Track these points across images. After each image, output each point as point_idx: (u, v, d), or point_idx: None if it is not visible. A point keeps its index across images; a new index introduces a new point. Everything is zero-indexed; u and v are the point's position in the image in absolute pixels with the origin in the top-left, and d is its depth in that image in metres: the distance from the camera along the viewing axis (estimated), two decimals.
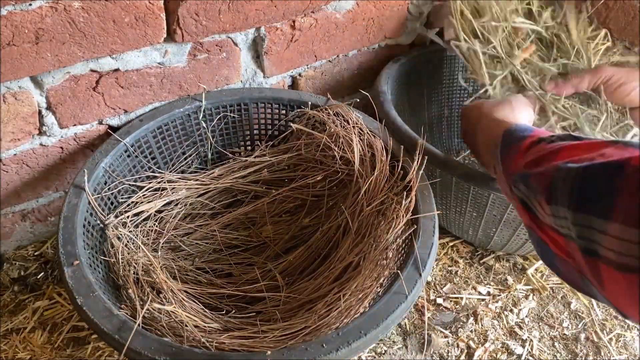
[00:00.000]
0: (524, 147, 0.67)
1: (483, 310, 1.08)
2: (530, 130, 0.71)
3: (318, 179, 1.05)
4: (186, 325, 0.78)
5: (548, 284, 1.13)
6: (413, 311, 1.07)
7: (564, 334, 1.06)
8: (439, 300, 1.10)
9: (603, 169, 0.49)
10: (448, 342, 1.03)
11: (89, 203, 0.88)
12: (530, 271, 1.15)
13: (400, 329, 1.04)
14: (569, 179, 0.52)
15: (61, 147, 1.01)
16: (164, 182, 1.03)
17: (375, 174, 0.94)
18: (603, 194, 0.47)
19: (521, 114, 0.86)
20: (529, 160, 0.64)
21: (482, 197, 0.98)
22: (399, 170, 0.94)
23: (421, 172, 0.93)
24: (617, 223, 0.45)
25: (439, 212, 0.89)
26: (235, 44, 1.06)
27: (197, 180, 1.07)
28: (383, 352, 1.01)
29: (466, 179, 0.95)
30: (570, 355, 1.03)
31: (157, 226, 1.01)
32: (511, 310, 1.09)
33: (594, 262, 0.48)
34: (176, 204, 1.04)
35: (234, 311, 0.92)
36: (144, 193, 1.00)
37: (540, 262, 1.17)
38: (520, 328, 1.06)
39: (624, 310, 0.49)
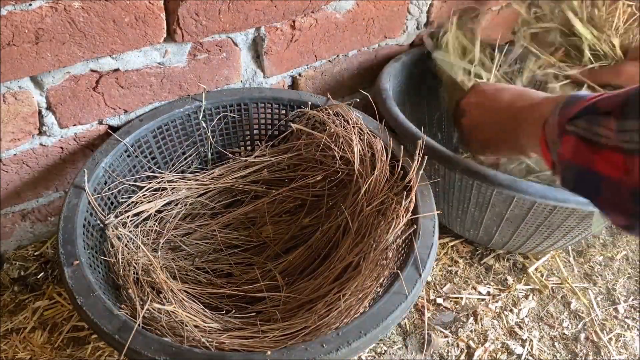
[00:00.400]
0: (592, 97, 0.68)
1: (483, 310, 1.08)
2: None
3: (318, 179, 1.05)
4: (186, 325, 0.78)
5: (548, 284, 1.13)
6: (413, 311, 1.07)
7: (564, 334, 1.06)
8: (439, 300, 1.10)
9: None
10: (448, 342, 1.03)
11: (89, 203, 0.88)
12: (530, 271, 1.15)
13: (400, 329, 1.04)
14: None
15: (61, 147, 1.01)
16: (164, 182, 1.03)
17: (375, 174, 0.94)
18: None
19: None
20: (596, 98, 0.66)
21: (485, 194, 0.98)
22: (399, 170, 0.94)
23: (421, 172, 0.93)
24: None
25: (439, 212, 0.89)
26: (235, 44, 1.06)
27: (197, 180, 1.07)
28: (383, 352, 1.01)
29: (470, 174, 0.95)
30: (570, 355, 1.03)
31: (157, 226, 1.01)
32: (511, 310, 1.09)
33: None
34: (176, 204, 1.04)
35: (234, 311, 0.92)
36: (144, 193, 1.00)
37: (540, 262, 1.17)
38: (520, 328, 1.06)
39: None
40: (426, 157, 0.93)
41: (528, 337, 1.05)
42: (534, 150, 0.82)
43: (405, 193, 0.90)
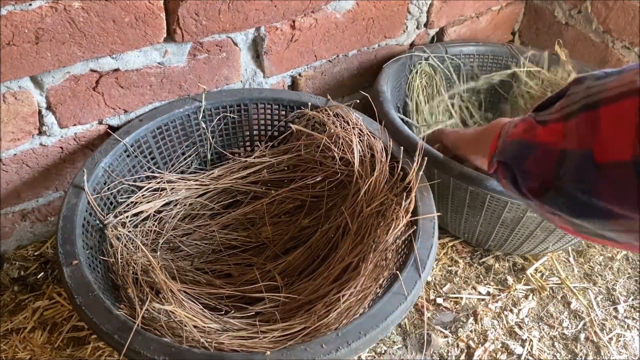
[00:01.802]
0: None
1: (483, 310, 1.08)
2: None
3: (318, 179, 1.05)
4: (185, 326, 0.78)
5: (548, 284, 1.13)
6: (413, 311, 1.07)
7: (564, 334, 1.06)
8: (439, 300, 1.10)
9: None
10: (448, 342, 1.03)
11: (89, 203, 0.88)
12: (529, 271, 1.15)
13: (400, 329, 1.04)
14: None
15: (61, 147, 1.01)
16: (164, 182, 1.03)
17: (375, 174, 0.94)
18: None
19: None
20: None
21: (477, 198, 0.98)
22: (398, 171, 0.94)
23: (421, 173, 0.93)
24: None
25: (439, 214, 0.89)
26: (235, 44, 1.06)
27: (196, 180, 1.07)
28: (383, 352, 1.01)
29: (463, 179, 0.95)
30: (570, 355, 1.03)
31: (156, 226, 1.01)
32: (511, 310, 1.09)
33: (594, 113, 0.56)
34: (175, 204, 1.04)
35: (233, 312, 0.92)
36: (144, 193, 1.00)
37: (540, 262, 1.17)
38: (520, 328, 1.06)
39: (605, 154, 0.55)
40: (425, 158, 0.93)
41: (528, 337, 1.05)
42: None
43: (405, 194, 0.90)
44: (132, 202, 0.98)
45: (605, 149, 0.54)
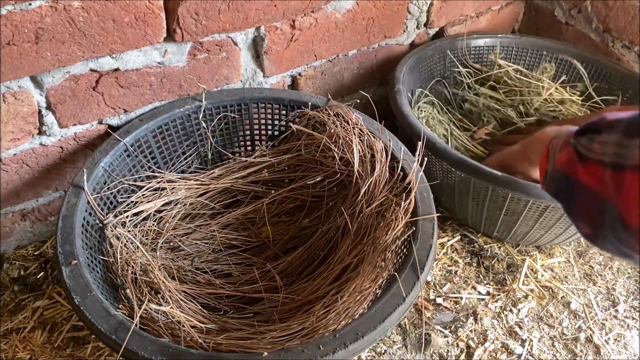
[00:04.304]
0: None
1: (483, 310, 1.08)
2: None
3: (318, 179, 1.05)
4: (183, 326, 0.78)
5: (548, 284, 1.13)
6: (413, 311, 1.07)
7: (564, 334, 1.06)
8: (439, 300, 1.10)
9: None
10: (448, 342, 1.03)
11: (88, 203, 0.88)
12: (529, 271, 1.15)
13: (400, 329, 1.04)
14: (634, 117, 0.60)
15: (61, 147, 1.01)
16: (164, 182, 1.03)
17: (375, 175, 0.94)
18: None
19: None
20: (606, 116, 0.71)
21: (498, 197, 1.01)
22: (398, 171, 0.94)
23: (420, 173, 0.93)
24: None
25: (438, 214, 0.89)
26: (235, 44, 1.06)
27: (196, 180, 1.07)
28: (383, 351, 1.01)
29: (480, 177, 0.99)
30: (570, 355, 1.03)
31: (156, 226, 1.01)
32: (511, 310, 1.09)
33: (621, 174, 0.56)
34: (176, 204, 1.04)
35: (232, 312, 0.92)
36: (144, 193, 1.00)
37: (540, 261, 1.17)
38: (520, 328, 1.06)
39: (629, 218, 0.56)
40: (426, 159, 0.93)
41: (528, 337, 1.05)
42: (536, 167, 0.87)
43: (404, 194, 0.90)
44: (132, 201, 0.98)
45: (629, 212, 0.56)
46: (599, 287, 1.14)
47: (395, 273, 0.79)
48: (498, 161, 1.04)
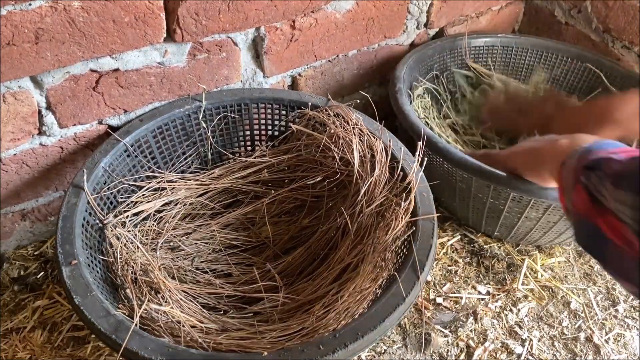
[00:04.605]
0: (611, 150, 0.69)
1: (483, 310, 1.08)
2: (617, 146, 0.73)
3: (318, 179, 1.05)
4: (183, 326, 0.78)
5: (548, 284, 1.13)
6: (413, 310, 1.07)
7: (564, 334, 1.06)
8: (439, 300, 1.10)
9: None
10: (448, 342, 1.03)
11: (88, 203, 0.88)
12: (529, 271, 1.15)
13: (400, 328, 1.04)
14: None
15: (61, 147, 1.01)
16: (164, 182, 1.03)
17: (375, 175, 0.94)
18: None
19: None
20: (610, 154, 0.67)
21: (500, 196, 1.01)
22: (398, 171, 0.94)
23: (420, 173, 0.93)
24: None
25: (438, 214, 0.89)
26: (235, 44, 1.06)
27: (196, 180, 1.07)
28: (383, 351, 1.01)
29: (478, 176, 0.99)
30: (570, 355, 1.03)
31: (156, 226, 1.01)
32: (511, 310, 1.09)
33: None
34: (176, 204, 1.04)
35: (232, 311, 0.92)
36: (144, 193, 1.00)
37: (540, 261, 1.17)
38: (520, 327, 1.06)
39: None
40: (426, 158, 0.93)
41: (528, 336, 1.05)
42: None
43: (404, 194, 0.90)
44: (132, 201, 0.98)
45: None
46: (599, 286, 1.14)
47: (395, 273, 0.79)
48: (502, 159, 1.01)
